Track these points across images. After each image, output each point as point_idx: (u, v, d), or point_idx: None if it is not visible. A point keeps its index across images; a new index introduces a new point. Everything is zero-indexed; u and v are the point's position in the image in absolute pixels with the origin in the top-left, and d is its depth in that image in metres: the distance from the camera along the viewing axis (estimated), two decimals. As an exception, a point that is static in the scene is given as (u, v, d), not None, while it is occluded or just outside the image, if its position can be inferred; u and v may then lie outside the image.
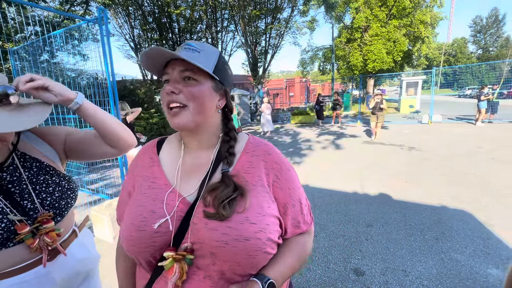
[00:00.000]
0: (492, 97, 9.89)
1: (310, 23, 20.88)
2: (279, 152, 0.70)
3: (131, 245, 0.59)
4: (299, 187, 0.70)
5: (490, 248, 2.44)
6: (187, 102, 0.60)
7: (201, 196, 0.60)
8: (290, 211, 0.65)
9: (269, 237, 0.58)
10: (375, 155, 6.24)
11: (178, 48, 0.64)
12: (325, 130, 10.74)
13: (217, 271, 0.56)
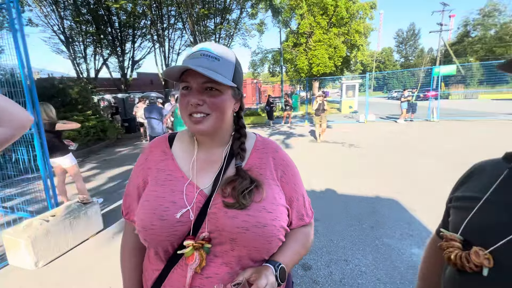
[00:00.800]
0: (411, 98, 11.56)
1: (259, 26, 21.38)
2: (284, 151, 0.78)
3: (151, 234, 0.61)
4: (302, 183, 0.77)
5: (413, 231, 2.82)
6: (210, 112, 0.63)
7: (217, 188, 0.65)
8: (295, 204, 0.72)
9: (282, 225, 0.65)
10: (320, 153, 6.69)
11: (193, 51, 0.65)
12: (275, 130, 11.11)
13: (235, 256, 0.61)
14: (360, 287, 2.06)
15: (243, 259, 0.62)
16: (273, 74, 26.73)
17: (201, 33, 16.31)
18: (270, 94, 16.19)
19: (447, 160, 5.35)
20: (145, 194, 0.67)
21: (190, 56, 0.64)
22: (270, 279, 0.58)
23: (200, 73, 0.59)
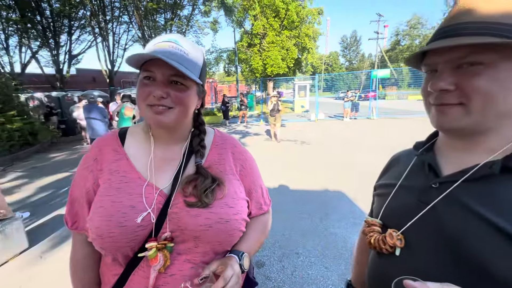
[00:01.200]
0: (353, 98, 12.69)
1: (212, 24, 21.03)
2: (241, 144, 0.80)
3: (110, 242, 0.58)
4: (259, 175, 0.80)
5: (356, 219, 3.08)
6: (174, 105, 0.61)
7: (177, 187, 0.64)
8: (254, 195, 0.76)
9: (243, 217, 0.68)
10: (275, 151, 6.89)
11: (159, 40, 0.62)
12: (231, 130, 11.07)
13: (199, 252, 0.63)
14: (310, 277, 2.17)
15: (207, 254, 0.63)
16: (229, 74, 26.63)
17: (150, 28, 15.34)
18: (225, 93, 16.08)
19: (385, 153, 6.00)
20: (99, 199, 0.63)
21: (156, 44, 0.61)
22: (236, 269, 0.60)
23: (167, 65, 0.57)
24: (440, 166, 0.55)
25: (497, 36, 0.43)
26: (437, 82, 0.48)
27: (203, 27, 16.81)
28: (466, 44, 0.44)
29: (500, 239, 0.42)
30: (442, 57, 0.48)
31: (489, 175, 0.46)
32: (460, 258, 0.45)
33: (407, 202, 0.57)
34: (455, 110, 0.47)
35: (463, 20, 0.46)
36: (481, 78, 0.44)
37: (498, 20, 0.44)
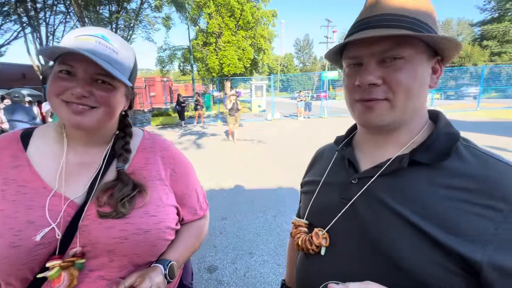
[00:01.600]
0: (306, 99, 13.34)
1: (165, 20, 19.99)
2: (175, 148, 0.74)
3: (1, 265, 0.51)
4: (195, 178, 0.77)
5: (307, 214, 3.20)
6: (98, 105, 0.56)
7: (92, 196, 0.57)
8: (187, 201, 0.72)
9: (168, 225, 0.63)
10: (232, 151, 6.83)
11: (83, 33, 0.55)
12: (187, 131, 10.67)
13: (116, 267, 0.57)
14: (263, 276, 2.17)
15: (124, 268, 0.58)
16: (184, 73, 25.69)
17: (93, 20, 13.89)
18: (180, 93, 15.43)
19: (334, 150, 6.41)
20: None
21: (79, 37, 0.55)
22: (156, 280, 0.57)
23: (92, 61, 0.51)
24: (359, 161, 0.55)
25: (415, 30, 0.44)
26: (365, 76, 0.46)
27: (153, 23, 15.84)
28: (394, 35, 0.43)
29: (409, 231, 0.43)
30: (369, 49, 0.46)
31: (400, 169, 0.47)
32: (378, 253, 0.46)
33: (330, 200, 0.56)
34: (382, 105, 0.47)
35: (383, 12, 0.46)
36: (403, 72, 0.44)
37: (413, 15, 0.45)
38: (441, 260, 0.41)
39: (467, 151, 0.46)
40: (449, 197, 0.43)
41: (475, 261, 0.39)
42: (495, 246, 0.39)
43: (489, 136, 6.88)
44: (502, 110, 12.71)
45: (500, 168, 0.43)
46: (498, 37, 30.77)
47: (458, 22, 40.90)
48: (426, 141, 0.48)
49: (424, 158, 0.46)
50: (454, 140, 0.47)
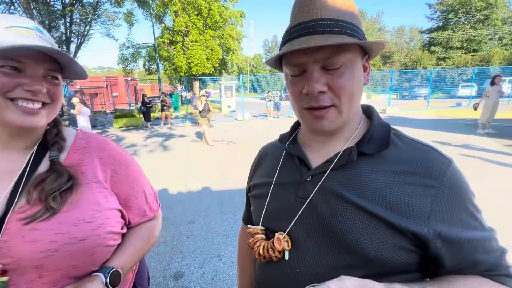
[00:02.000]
0: (274, 99, 13.58)
1: (127, 16, 18.88)
2: (115, 146, 0.68)
3: None
4: (142, 178, 0.72)
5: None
6: (48, 101, 0.56)
7: (13, 207, 0.51)
8: (133, 203, 0.67)
9: (110, 230, 0.59)
10: (200, 152, 6.68)
11: (21, 25, 0.52)
12: (153, 133, 10.21)
13: (46, 283, 0.53)
14: (231, 278, 2.15)
15: (58, 282, 0.54)
16: (150, 72, 24.54)
17: (42, 13, 12.61)
18: (145, 93, 14.69)
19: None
20: None
21: (13, 29, 0.51)
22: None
23: (45, 58, 0.52)
24: (309, 158, 0.55)
25: (353, 35, 0.45)
26: (313, 84, 0.45)
27: (113, 18, 14.86)
28: (340, 43, 0.43)
29: (367, 220, 0.45)
30: (312, 56, 0.45)
31: (350, 161, 0.50)
32: (342, 246, 0.46)
33: (286, 201, 0.54)
34: (331, 113, 0.48)
35: (323, 16, 0.45)
36: (345, 77, 0.46)
37: (348, 20, 0.46)
38: (399, 242, 0.44)
39: (398, 139, 0.52)
40: (394, 182, 0.46)
41: (422, 235, 0.43)
42: (436, 219, 0.44)
43: (436, 132, 7.63)
44: (448, 109, 14.21)
45: (425, 151, 0.49)
46: (443, 44, 34.31)
47: (410, 29, 44.75)
48: (366, 134, 0.52)
49: (368, 149, 0.49)
50: (388, 131, 0.52)
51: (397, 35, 45.11)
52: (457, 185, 0.46)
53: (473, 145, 5.92)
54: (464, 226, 0.45)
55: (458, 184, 0.46)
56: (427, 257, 0.46)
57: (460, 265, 0.45)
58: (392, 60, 40.80)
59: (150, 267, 2.27)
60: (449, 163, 0.48)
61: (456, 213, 0.45)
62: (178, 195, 3.84)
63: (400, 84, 27.64)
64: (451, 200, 0.45)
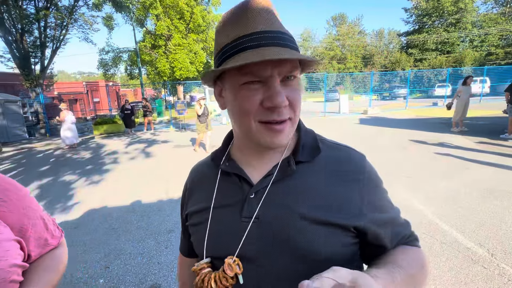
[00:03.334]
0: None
1: (106, 20, 18.41)
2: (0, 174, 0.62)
3: None
4: (35, 204, 0.64)
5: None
6: None
7: None
8: (31, 232, 0.60)
9: (14, 262, 0.53)
10: (184, 158, 6.57)
11: None
12: (135, 139, 9.96)
13: None
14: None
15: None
16: (132, 77, 23.98)
17: (14, 17, 12.05)
18: (128, 99, 14.32)
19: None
20: None
21: None
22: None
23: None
24: (249, 174, 0.53)
25: (298, 50, 0.47)
26: (278, 98, 0.43)
27: (90, 22, 14.43)
28: (304, 58, 0.44)
29: (314, 225, 0.46)
30: (276, 68, 0.43)
31: (289, 171, 0.50)
32: (295, 255, 0.46)
33: (231, 223, 0.51)
34: (287, 126, 0.47)
35: (279, 29, 0.45)
36: (297, 91, 0.47)
37: (288, 32, 0.47)
38: (346, 239, 0.48)
39: (322, 144, 0.55)
40: (329, 183, 0.50)
41: (361, 227, 0.48)
42: (367, 208, 0.49)
43: (414, 132, 7.93)
44: (425, 109, 14.81)
45: (346, 151, 0.55)
46: (420, 46, 35.87)
47: (388, 32, 46.48)
48: (299, 143, 0.53)
49: (304, 157, 0.52)
50: (315, 137, 0.56)
51: (377, 38, 46.68)
52: (374, 175, 0.54)
53: (447, 143, 6.19)
54: (385, 209, 0.52)
55: (374, 174, 0.54)
56: (362, 245, 0.51)
57: (393, 241, 0.52)
58: (373, 62, 42.16)
59: (125, 281, 2.19)
60: (364, 158, 0.55)
61: (378, 199, 0.52)
62: (157, 204, 3.74)
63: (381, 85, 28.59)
64: (373, 189, 0.52)
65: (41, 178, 5.39)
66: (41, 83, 13.08)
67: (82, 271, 2.35)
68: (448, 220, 2.77)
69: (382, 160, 5.15)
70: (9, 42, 12.03)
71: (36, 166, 6.54)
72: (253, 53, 0.42)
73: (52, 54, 13.54)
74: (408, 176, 4.18)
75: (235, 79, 0.46)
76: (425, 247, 2.35)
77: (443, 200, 3.25)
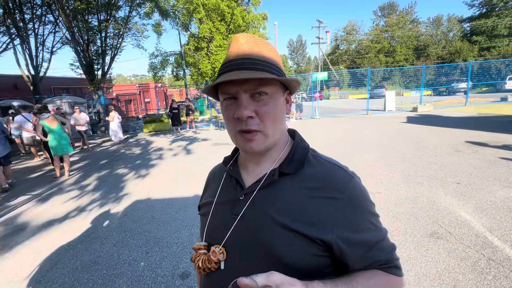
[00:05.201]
0: (295, 101, 13.45)
1: (155, 26, 20.06)
2: None
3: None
4: None
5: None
6: None
7: None
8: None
9: None
10: (220, 156, 6.79)
11: None
12: (179, 137, 10.72)
13: None
14: (235, 280, 2.22)
15: None
16: (178, 78, 25.74)
17: (82, 29, 13.94)
18: (174, 98, 15.47)
19: (330, 149, 6.48)
20: None
21: None
22: None
23: None
24: (243, 179, 0.63)
25: (273, 73, 0.55)
26: (242, 110, 0.53)
27: (142, 30, 15.88)
28: (260, 78, 0.52)
29: (285, 232, 0.52)
30: (242, 87, 0.53)
31: (273, 181, 0.57)
32: (266, 256, 0.53)
33: (223, 217, 0.61)
34: (258, 136, 0.55)
35: (249, 56, 0.55)
36: (269, 106, 0.55)
37: (270, 61, 0.56)
38: (313, 250, 0.52)
39: (314, 159, 0.60)
40: (307, 196, 0.54)
41: (327, 241, 0.51)
42: (339, 226, 0.52)
43: (470, 132, 7.00)
44: (489, 105, 12.90)
45: (332, 169, 0.58)
46: (487, 32, 31.19)
47: (448, 18, 41.39)
48: (289, 155, 0.60)
49: (288, 169, 0.57)
50: (306, 152, 0.61)
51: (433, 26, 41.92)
52: (356, 196, 0.55)
53: (514, 145, 5.35)
54: (362, 230, 0.54)
55: (357, 195, 0.55)
56: (336, 260, 0.54)
57: (361, 262, 0.54)
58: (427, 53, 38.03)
59: (161, 266, 2.45)
60: (351, 178, 0.56)
61: (356, 219, 0.53)
62: (193, 198, 4.03)
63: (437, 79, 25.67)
64: (351, 209, 0.53)
65: (100, 171, 6.20)
66: (102, 86, 14.90)
67: (127, 254, 2.69)
68: (501, 235, 2.44)
69: (425, 163, 4.70)
70: (78, 52, 13.96)
71: (97, 160, 7.53)
72: (224, 75, 0.54)
73: (111, 60, 15.31)
74: (458, 182, 3.75)
75: (220, 95, 0.59)
76: (467, 262, 2.12)
77: (498, 212, 2.86)
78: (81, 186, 5.15)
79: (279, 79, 0.55)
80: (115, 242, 2.93)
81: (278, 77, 0.53)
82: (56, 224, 3.53)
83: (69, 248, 2.89)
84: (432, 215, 2.92)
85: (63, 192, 4.84)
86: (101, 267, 2.50)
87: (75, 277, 2.38)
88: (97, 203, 4.17)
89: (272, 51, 0.58)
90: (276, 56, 0.59)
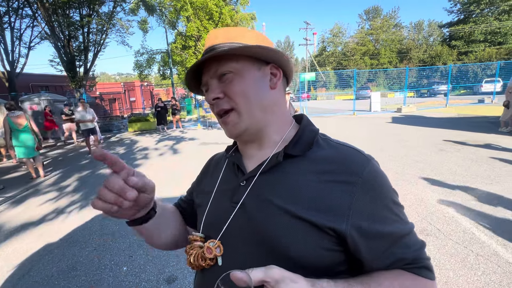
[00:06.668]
0: (287, 100, 13.55)
1: (141, 23, 19.56)
2: None
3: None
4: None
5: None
6: None
7: None
8: None
9: None
10: (208, 155, 6.72)
11: None
12: (165, 136, 10.46)
13: None
14: (224, 283, 2.13)
15: None
16: (164, 77, 25.23)
17: (62, 24, 13.32)
18: (160, 97, 15.10)
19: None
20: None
21: None
22: None
23: None
24: (245, 164, 0.58)
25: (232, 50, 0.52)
26: (209, 94, 0.53)
27: (127, 26, 15.41)
28: (210, 56, 0.51)
29: (290, 221, 0.46)
30: (208, 74, 0.54)
31: (277, 164, 0.51)
32: (269, 246, 0.47)
33: (222, 207, 0.56)
34: (231, 116, 0.53)
35: (213, 44, 0.55)
36: (234, 83, 0.52)
37: (235, 40, 0.54)
38: (321, 242, 0.44)
39: (324, 142, 0.55)
40: (317, 180, 0.48)
41: (341, 231, 0.44)
42: (355, 213, 0.44)
43: (451, 131, 7.25)
44: (468, 106, 13.48)
45: (345, 151, 0.52)
46: (465, 38, 32.66)
47: (428, 24, 42.99)
48: (295, 137, 0.55)
49: (294, 151, 0.52)
50: (314, 134, 0.55)
51: (415, 30, 43.45)
52: (375, 180, 0.47)
53: (494, 144, 5.56)
54: (382, 221, 0.45)
55: (375, 179, 0.47)
56: (351, 256, 0.47)
57: (381, 259, 0.46)
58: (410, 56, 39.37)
59: (146, 270, 2.31)
60: (368, 161, 0.49)
61: (374, 207, 0.45)
62: (181, 198, 3.88)
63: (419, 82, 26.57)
64: (369, 195, 0.46)
65: (81, 171, 5.90)
66: (84, 84, 14.30)
67: (108, 258, 2.53)
68: (487, 231, 2.49)
69: (411, 161, 4.79)
70: (58, 48, 13.33)
71: (77, 160, 7.18)
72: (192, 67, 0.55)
73: (93, 57, 14.73)
74: (444, 179, 3.83)
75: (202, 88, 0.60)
76: (457, 258, 2.14)
77: (482, 207, 2.92)
78: (60, 187, 4.87)
79: (240, 52, 0.51)
80: (95, 246, 2.76)
81: (232, 48, 0.49)
82: (30, 227, 3.30)
83: (45, 254, 2.68)
84: (421, 212, 2.94)
85: (40, 194, 4.56)
86: (80, 273, 2.33)
87: (50, 285, 2.21)
88: (77, 205, 3.95)
89: (241, 31, 0.56)
90: (246, 34, 0.55)
